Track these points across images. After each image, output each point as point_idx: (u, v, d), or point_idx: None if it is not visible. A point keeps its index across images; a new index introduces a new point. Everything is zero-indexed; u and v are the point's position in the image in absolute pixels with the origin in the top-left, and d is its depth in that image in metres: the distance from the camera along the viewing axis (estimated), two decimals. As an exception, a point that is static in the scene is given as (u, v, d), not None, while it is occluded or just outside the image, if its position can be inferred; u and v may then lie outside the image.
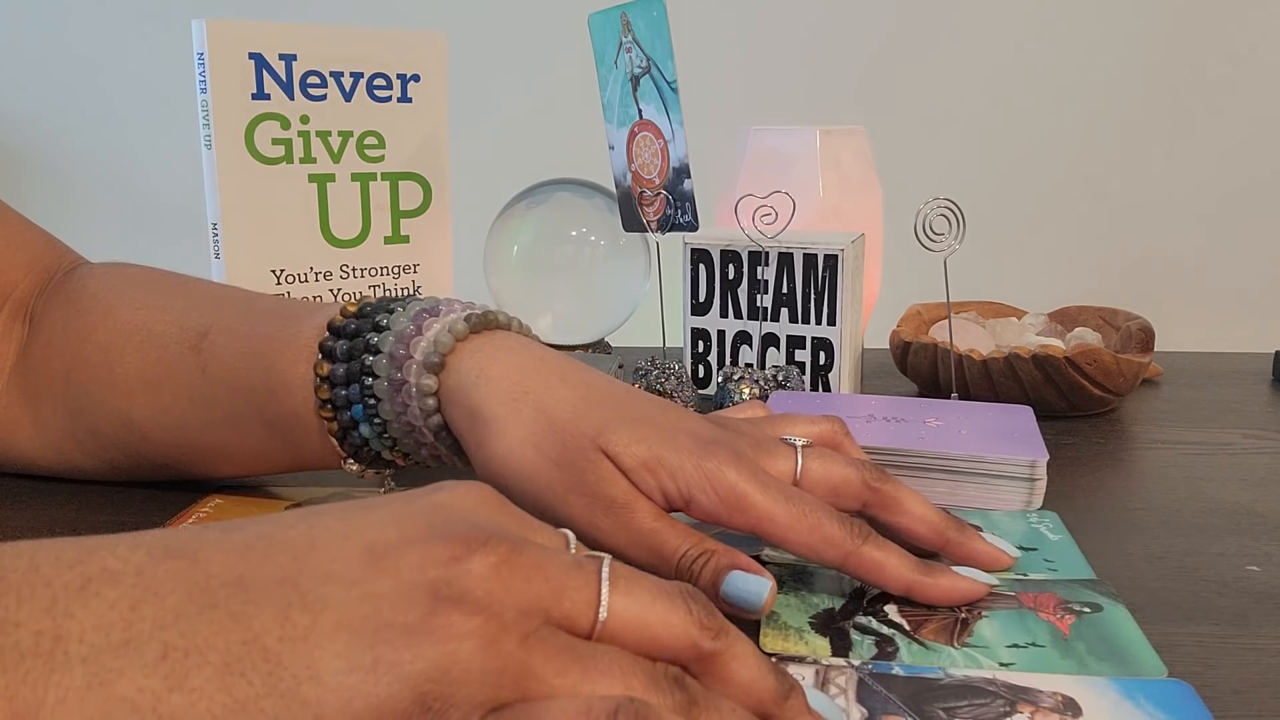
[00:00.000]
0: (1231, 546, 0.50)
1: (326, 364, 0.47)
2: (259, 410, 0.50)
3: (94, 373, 0.54)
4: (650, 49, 0.72)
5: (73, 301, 0.57)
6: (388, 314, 0.48)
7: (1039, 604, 0.43)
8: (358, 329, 0.48)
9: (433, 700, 0.26)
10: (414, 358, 0.46)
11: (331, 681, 0.25)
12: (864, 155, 0.85)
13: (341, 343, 0.48)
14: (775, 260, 0.74)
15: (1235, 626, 0.42)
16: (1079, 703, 0.35)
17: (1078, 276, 1.23)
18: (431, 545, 0.28)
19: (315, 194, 0.76)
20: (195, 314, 0.53)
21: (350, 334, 0.48)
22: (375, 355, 0.47)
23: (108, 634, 0.24)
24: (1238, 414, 0.74)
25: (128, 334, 0.54)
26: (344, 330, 0.48)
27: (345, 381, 0.47)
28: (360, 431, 0.48)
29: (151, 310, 0.54)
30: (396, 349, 0.46)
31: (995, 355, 0.71)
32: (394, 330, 0.47)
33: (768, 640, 0.40)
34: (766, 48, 1.23)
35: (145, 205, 1.31)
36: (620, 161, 0.78)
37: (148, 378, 0.53)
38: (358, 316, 0.48)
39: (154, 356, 0.53)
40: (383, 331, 0.47)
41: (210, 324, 0.52)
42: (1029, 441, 0.57)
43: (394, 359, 0.46)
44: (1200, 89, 1.22)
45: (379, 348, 0.47)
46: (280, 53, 0.73)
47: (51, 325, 0.56)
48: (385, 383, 0.46)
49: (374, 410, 0.47)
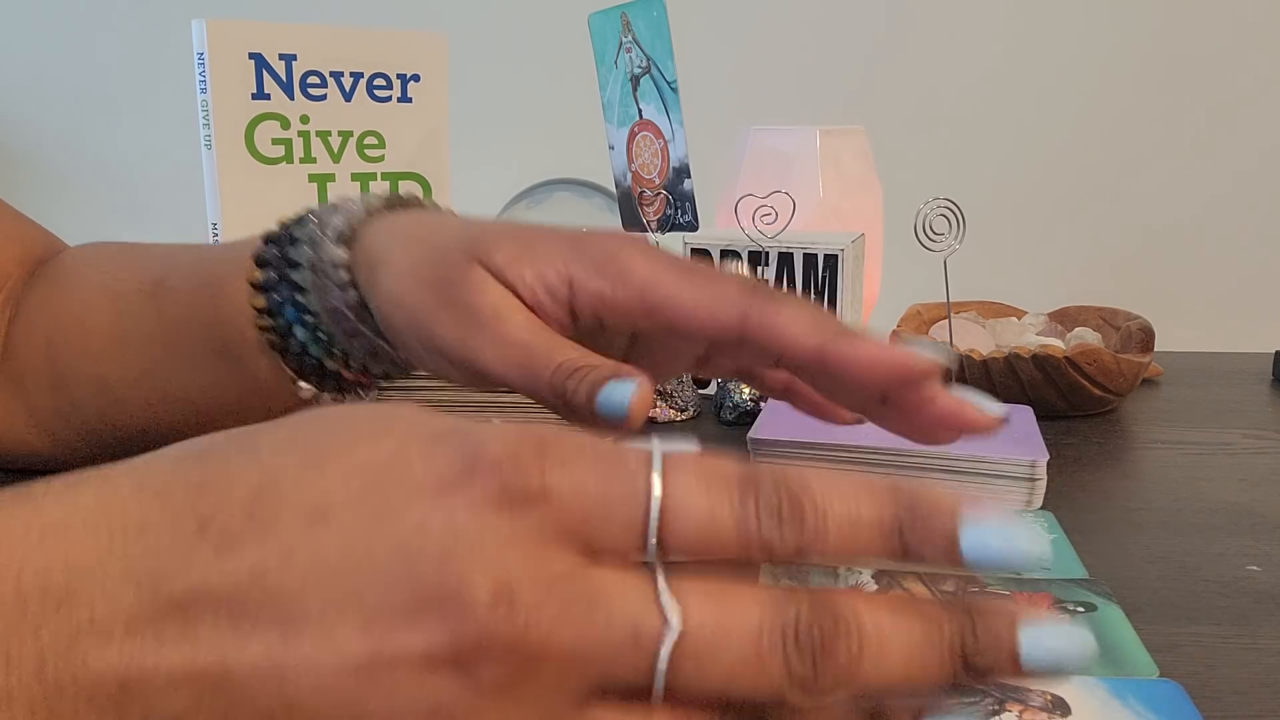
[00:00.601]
0: (1232, 547, 0.50)
1: (259, 272, 0.47)
2: (210, 343, 0.50)
3: (69, 338, 0.54)
4: (650, 49, 0.72)
5: (51, 279, 0.57)
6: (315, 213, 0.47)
7: (1033, 603, 0.43)
8: (289, 233, 0.47)
9: None
10: (327, 237, 0.45)
11: None
12: (864, 155, 0.85)
13: (272, 249, 0.47)
14: (775, 260, 0.74)
15: (1236, 627, 0.42)
16: (1068, 702, 0.35)
17: (1077, 276, 1.23)
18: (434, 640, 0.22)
19: (315, 194, 0.76)
20: (155, 266, 0.53)
21: (280, 240, 0.47)
22: (296, 245, 0.46)
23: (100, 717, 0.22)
24: (1238, 414, 0.74)
25: (97, 295, 0.54)
26: (277, 238, 0.47)
27: (277, 284, 0.46)
28: (297, 336, 0.47)
29: (116, 271, 0.55)
30: (315, 232, 0.45)
31: (995, 355, 0.71)
32: (316, 217, 0.46)
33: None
34: (766, 48, 1.23)
35: (145, 205, 1.31)
36: (620, 161, 0.78)
37: (114, 334, 0.53)
38: (294, 223, 0.48)
39: (118, 311, 0.53)
40: (305, 225, 0.46)
41: (167, 272, 0.52)
42: (1029, 441, 0.57)
43: (313, 243, 0.45)
44: (1200, 88, 1.21)
45: (300, 238, 0.46)
46: (280, 53, 0.73)
47: (31, 305, 0.56)
48: (308, 269, 0.45)
49: (303, 306, 0.46)
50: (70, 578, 0.23)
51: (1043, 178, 1.24)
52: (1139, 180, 1.23)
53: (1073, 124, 1.23)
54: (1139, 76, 1.22)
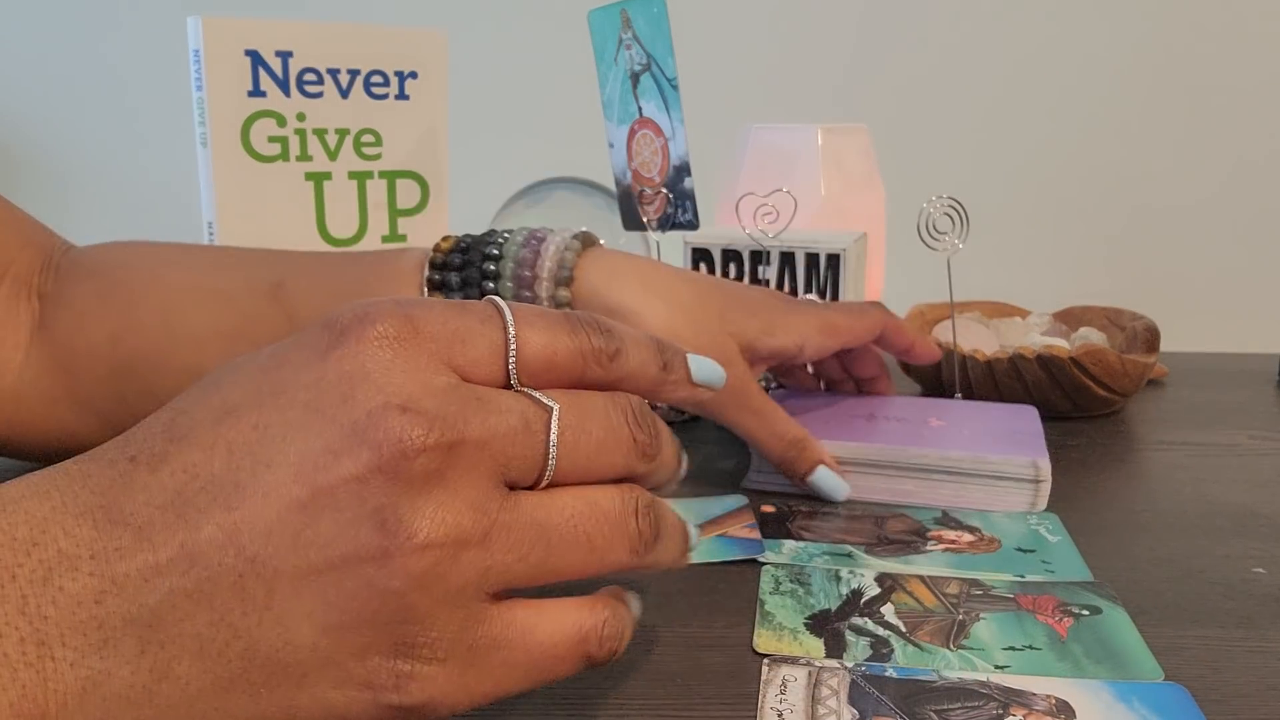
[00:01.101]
0: (1237, 548, 0.49)
1: (440, 295, 0.50)
2: None
3: (150, 334, 0.55)
4: (650, 46, 0.72)
5: (101, 274, 0.58)
6: (494, 245, 0.52)
7: (1038, 606, 0.43)
8: (465, 260, 0.52)
9: (412, 643, 0.26)
10: (541, 276, 0.51)
11: (307, 645, 0.26)
12: (866, 154, 0.84)
13: (452, 274, 0.51)
14: (777, 260, 0.73)
15: (1242, 629, 0.41)
16: (1072, 705, 0.35)
17: (1082, 276, 1.22)
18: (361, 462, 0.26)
19: (312, 192, 0.76)
20: (261, 268, 0.55)
21: (458, 266, 0.52)
22: (496, 280, 0.51)
23: (86, 635, 0.25)
24: (1244, 415, 0.73)
25: (185, 293, 0.55)
26: (449, 264, 0.52)
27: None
28: None
29: (204, 270, 0.56)
30: (520, 272, 0.51)
31: (999, 355, 0.71)
32: (510, 256, 0.52)
33: (761, 640, 0.40)
34: (768, 45, 1.23)
35: (141, 203, 1.31)
36: (620, 160, 0.78)
37: (220, 329, 0.54)
38: (459, 251, 0.52)
39: (224, 309, 0.54)
40: (498, 260, 0.52)
41: (281, 275, 0.54)
42: (1033, 443, 0.57)
43: (519, 280, 0.51)
44: (1205, 87, 1.21)
45: (499, 273, 0.51)
46: (276, 50, 0.73)
47: (81, 298, 0.57)
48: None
49: None
50: (33, 530, 0.25)
51: (1047, 176, 1.23)
52: (1144, 180, 1.23)
53: (1077, 123, 1.23)
54: (1144, 76, 1.21)
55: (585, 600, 0.30)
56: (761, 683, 0.37)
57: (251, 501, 0.26)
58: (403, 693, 0.27)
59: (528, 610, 0.29)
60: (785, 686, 0.36)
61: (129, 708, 0.25)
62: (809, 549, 0.49)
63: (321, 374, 0.28)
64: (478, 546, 0.27)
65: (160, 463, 0.27)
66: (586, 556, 0.29)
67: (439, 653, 0.27)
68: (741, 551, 0.48)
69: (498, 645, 0.28)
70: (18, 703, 0.24)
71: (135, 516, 0.26)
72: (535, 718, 0.35)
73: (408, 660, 0.27)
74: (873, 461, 0.56)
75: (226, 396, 0.28)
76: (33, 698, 0.24)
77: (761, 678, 0.37)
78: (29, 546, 0.25)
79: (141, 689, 0.25)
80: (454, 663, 0.27)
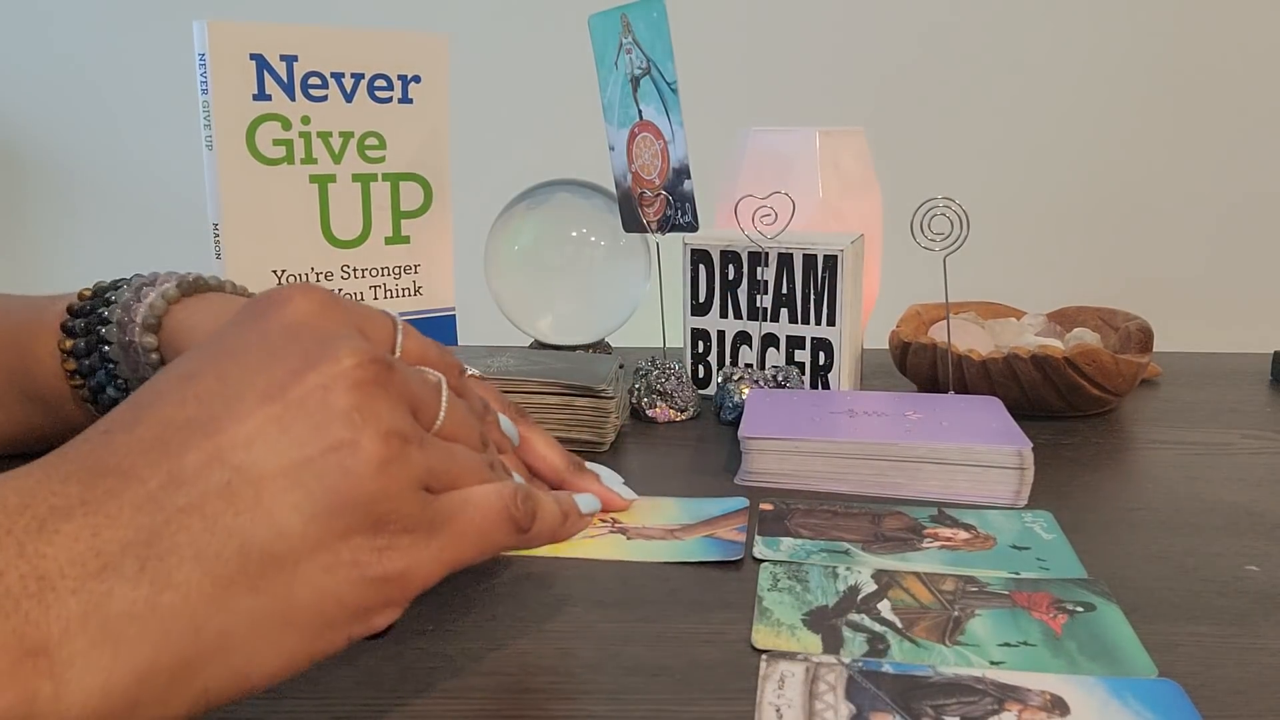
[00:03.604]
0: (1231, 546, 0.50)
1: (69, 340, 0.56)
2: (19, 388, 0.58)
3: None
4: (650, 50, 0.72)
5: None
6: (115, 290, 0.57)
7: (1033, 603, 0.43)
8: (92, 307, 0.57)
9: (386, 518, 0.30)
10: (135, 322, 0.55)
11: (297, 533, 0.29)
12: (863, 156, 0.85)
13: (79, 321, 0.56)
14: (775, 261, 0.74)
15: (1235, 626, 0.42)
16: (1067, 701, 0.35)
17: (1077, 277, 1.23)
18: (324, 374, 0.31)
19: (316, 195, 0.77)
20: None
21: (86, 313, 0.57)
22: (107, 326, 0.55)
23: (84, 565, 0.27)
24: (1237, 414, 0.74)
25: None
26: (80, 311, 0.57)
27: (86, 353, 0.56)
28: (109, 393, 0.56)
29: None
30: (123, 318, 0.55)
31: (994, 356, 0.71)
32: (119, 303, 0.56)
33: (759, 636, 0.40)
34: (766, 49, 1.23)
35: (146, 206, 1.32)
36: (620, 162, 0.78)
37: None
38: (92, 297, 0.57)
39: None
40: (111, 305, 0.56)
41: None
42: (1012, 433, 0.58)
43: (121, 326, 0.55)
44: (1197, 88, 1.21)
45: (109, 319, 0.55)
46: (281, 54, 0.73)
47: None
48: (118, 347, 0.55)
49: (114, 372, 0.56)
50: (22, 497, 0.27)
51: (1042, 178, 1.24)
52: (1138, 181, 1.23)
53: (1072, 125, 1.23)
54: (1137, 78, 1.22)
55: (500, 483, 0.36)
56: (760, 678, 0.37)
57: (229, 425, 0.29)
58: (384, 564, 0.30)
59: (460, 495, 0.34)
60: (783, 682, 0.37)
61: (132, 622, 0.27)
62: (806, 546, 0.49)
63: (265, 330, 0.32)
64: (417, 446, 0.32)
65: (134, 424, 0.30)
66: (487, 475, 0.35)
67: (408, 526, 0.31)
68: (720, 554, 0.49)
69: (448, 519, 0.33)
70: (21, 627, 0.25)
71: (119, 465, 0.29)
72: (538, 709, 0.36)
73: (384, 535, 0.30)
74: (864, 455, 0.57)
75: (183, 370, 0.31)
76: (35, 622, 0.25)
77: (760, 673, 0.38)
78: (20, 509, 0.27)
79: (144, 602, 0.27)
80: (419, 534, 0.31)
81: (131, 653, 0.26)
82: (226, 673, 0.28)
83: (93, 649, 0.26)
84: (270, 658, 0.29)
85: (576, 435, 0.65)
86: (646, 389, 0.73)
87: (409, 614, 0.43)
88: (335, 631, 0.30)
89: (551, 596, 0.45)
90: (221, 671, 0.28)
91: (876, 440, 0.57)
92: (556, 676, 0.38)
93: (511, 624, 0.43)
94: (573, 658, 0.40)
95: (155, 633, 0.27)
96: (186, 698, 0.28)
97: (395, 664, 0.39)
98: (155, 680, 0.27)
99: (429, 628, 0.42)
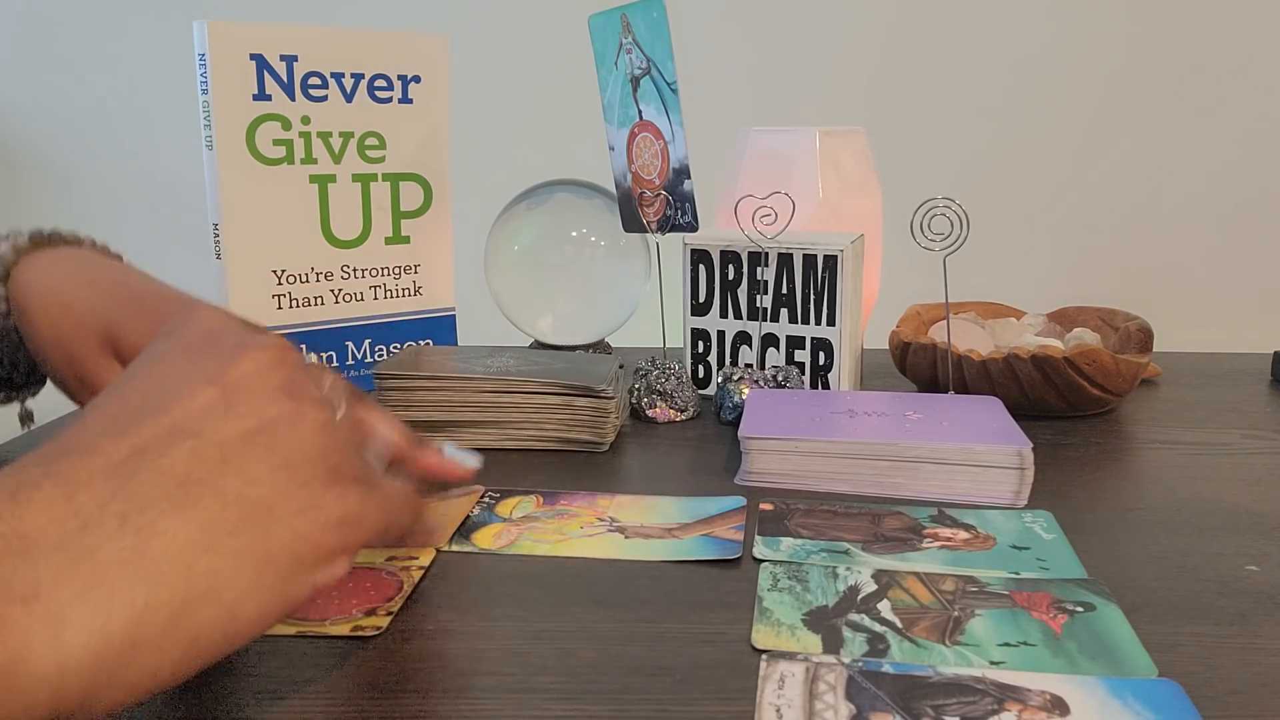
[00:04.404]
0: (1230, 546, 0.50)
1: None
2: None
3: None
4: (650, 50, 0.72)
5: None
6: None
7: (1032, 603, 0.43)
8: None
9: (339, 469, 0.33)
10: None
11: (266, 480, 0.31)
12: (863, 156, 0.85)
13: None
14: (775, 261, 0.74)
15: (1235, 626, 0.42)
16: (1067, 701, 0.35)
17: (1076, 277, 1.23)
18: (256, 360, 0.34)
19: (316, 195, 0.77)
20: None
21: None
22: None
23: (64, 525, 0.28)
24: (1237, 414, 0.74)
25: None
26: None
27: None
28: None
29: None
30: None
31: (994, 356, 0.71)
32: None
33: (759, 636, 0.40)
34: (766, 49, 1.23)
35: (146, 206, 1.32)
36: (620, 162, 0.78)
37: None
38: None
39: None
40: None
41: None
42: (1013, 432, 0.58)
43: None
44: (1198, 88, 1.21)
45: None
46: (281, 54, 0.73)
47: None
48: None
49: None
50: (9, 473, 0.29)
51: (1042, 178, 1.24)
52: (1138, 181, 1.23)
53: (1072, 125, 1.23)
54: (1137, 77, 1.22)
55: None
56: (760, 678, 0.37)
57: (178, 405, 0.32)
58: (343, 506, 0.33)
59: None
60: (783, 682, 0.37)
61: (124, 567, 0.28)
62: (806, 546, 0.49)
63: (185, 340, 0.35)
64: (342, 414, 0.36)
65: (85, 417, 0.32)
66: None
67: (357, 476, 0.34)
68: (718, 552, 0.49)
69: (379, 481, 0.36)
70: (9, 575, 0.26)
71: (80, 446, 0.30)
72: (538, 709, 0.36)
73: (338, 484, 0.33)
74: (864, 456, 0.57)
75: (118, 383, 0.34)
76: (23, 573, 0.26)
77: (760, 673, 0.38)
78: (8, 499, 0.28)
79: (132, 549, 0.28)
80: (365, 485, 0.35)
81: (127, 593, 0.28)
82: (216, 613, 0.29)
83: (88, 593, 0.27)
84: (254, 596, 0.31)
85: (576, 435, 0.65)
86: (646, 389, 0.73)
87: (409, 614, 0.43)
88: (304, 574, 0.32)
89: (551, 596, 0.45)
90: (212, 613, 0.29)
91: (876, 440, 0.57)
92: (557, 676, 0.38)
93: (511, 624, 0.43)
94: (573, 658, 0.40)
95: (149, 574, 0.28)
96: (181, 641, 0.29)
97: (395, 664, 0.39)
98: (153, 620, 0.28)
99: (429, 627, 0.42)
